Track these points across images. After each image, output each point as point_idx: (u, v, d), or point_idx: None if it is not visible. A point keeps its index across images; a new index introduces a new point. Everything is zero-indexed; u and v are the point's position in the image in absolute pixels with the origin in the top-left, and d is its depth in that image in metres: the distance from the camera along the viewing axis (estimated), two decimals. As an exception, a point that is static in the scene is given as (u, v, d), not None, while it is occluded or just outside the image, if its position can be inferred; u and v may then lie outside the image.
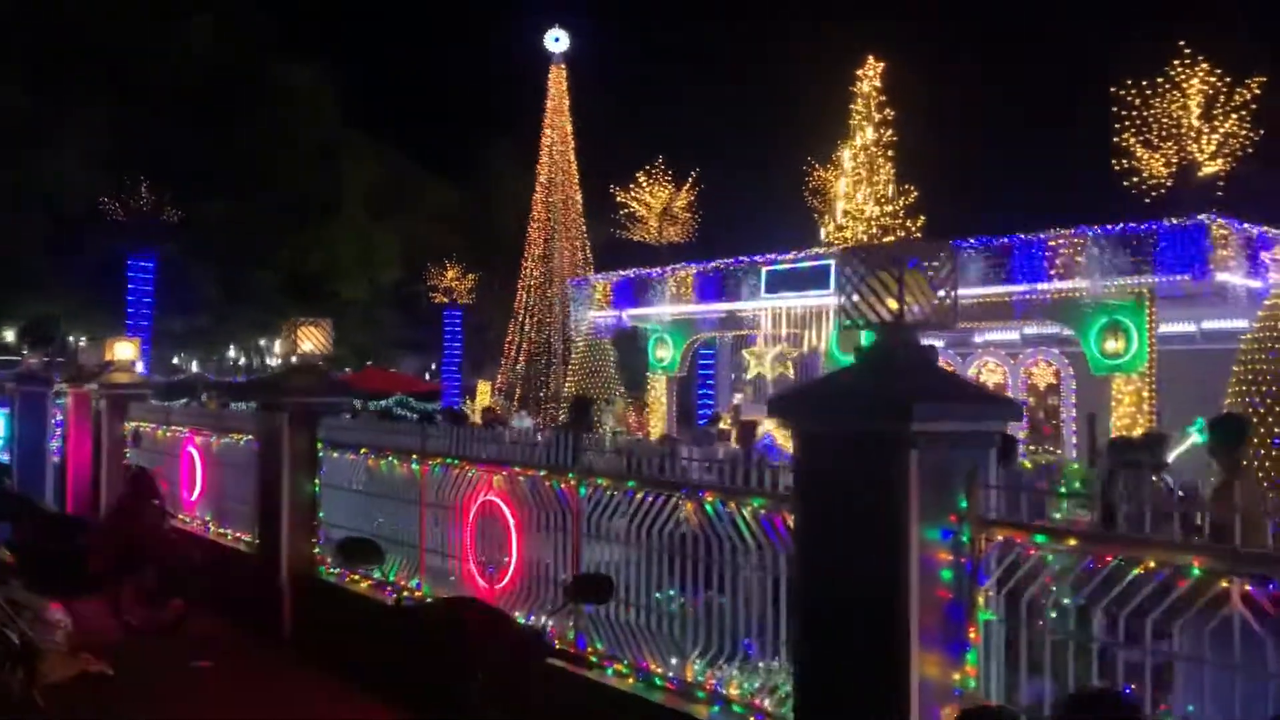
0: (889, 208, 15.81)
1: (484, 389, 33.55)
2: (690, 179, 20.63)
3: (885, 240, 16.04)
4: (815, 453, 3.94)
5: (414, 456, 7.29)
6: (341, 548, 4.94)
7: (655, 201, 19.90)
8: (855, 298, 3.97)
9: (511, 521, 6.26)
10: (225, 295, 28.20)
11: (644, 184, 20.23)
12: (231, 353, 37.40)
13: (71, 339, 22.26)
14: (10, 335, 26.36)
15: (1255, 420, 9.66)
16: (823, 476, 3.91)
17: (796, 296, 15.43)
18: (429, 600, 6.43)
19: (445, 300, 35.49)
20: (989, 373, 19.83)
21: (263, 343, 36.18)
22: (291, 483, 8.58)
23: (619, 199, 20.62)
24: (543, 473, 5.99)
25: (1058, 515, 3.85)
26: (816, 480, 3.94)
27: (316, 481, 8.59)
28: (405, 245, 35.84)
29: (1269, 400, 10.34)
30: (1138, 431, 12.27)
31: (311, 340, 8.75)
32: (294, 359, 8.76)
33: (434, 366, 42.80)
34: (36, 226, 24.47)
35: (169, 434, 11.89)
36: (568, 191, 34.02)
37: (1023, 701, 3.64)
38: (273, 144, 28.77)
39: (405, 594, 7.05)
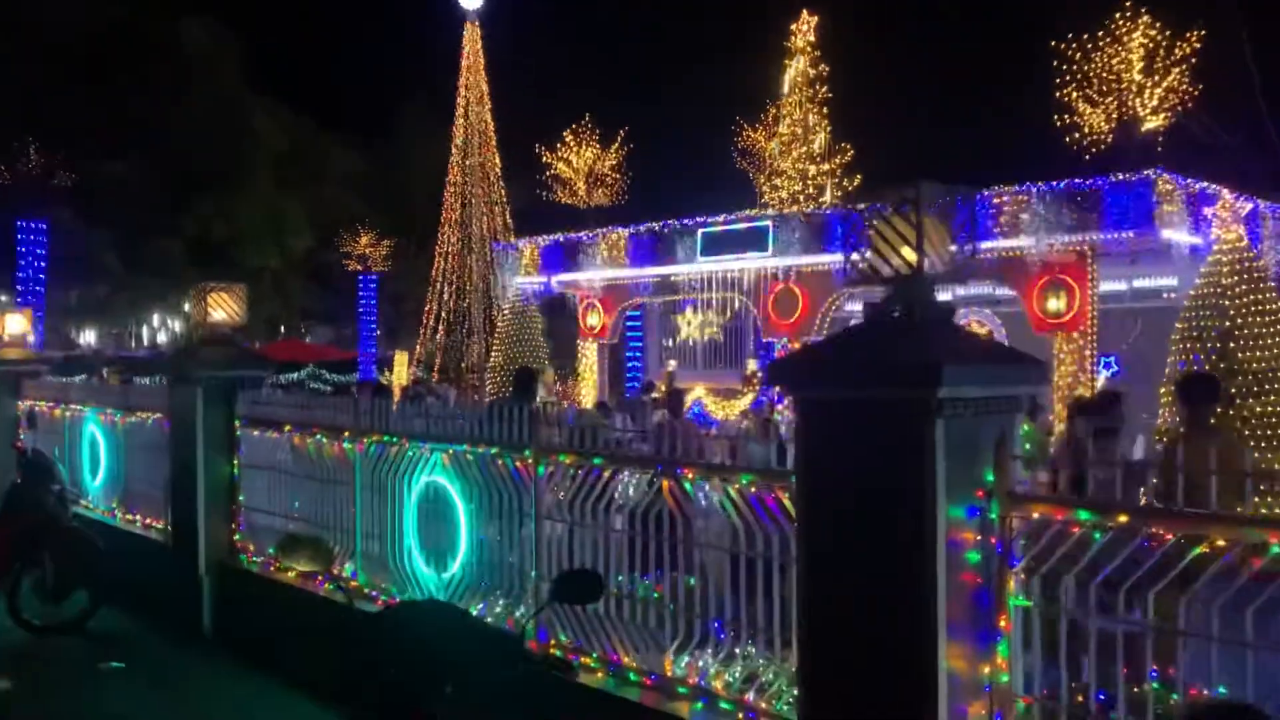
0: (825, 166, 15.51)
1: (401, 359, 32.67)
2: (618, 139, 20.02)
3: (821, 200, 15.77)
4: (822, 423, 3.51)
5: (346, 434, 6.70)
6: (284, 546, 4.35)
7: (581, 162, 19.27)
8: (865, 250, 3.53)
9: (459, 505, 5.74)
10: (125, 264, 26.61)
11: (570, 144, 19.56)
12: (134, 327, 35.61)
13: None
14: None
15: (1199, 376, 9.62)
16: (831, 450, 3.49)
17: (734, 258, 15.06)
18: (387, 603, 5.86)
19: (359, 268, 34.38)
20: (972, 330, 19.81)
21: (165, 317, 34.54)
22: (207, 464, 7.91)
23: (544, 159, 19.93)
24: (494, 450, 5.48)
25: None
26: (823, 454, 3.52)
27: (235, 462, 7.93)
28: (315, 212, 34.50)
29: (1213, 357, 10.33)
30: (1080, 391, 12.23)
31: (224, 308, 8.05)
32: (204, 329, 8.05)
33: (348, 337, 41.59)
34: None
35: (68, 413, 11.02)
36: (485, 154, 33.14)
37: (1062, 697, 3.30)
38: (170, 105, 27.11)
39: (341, 583, 6.48)
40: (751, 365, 18.86)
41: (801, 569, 3.66)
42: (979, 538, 3.35)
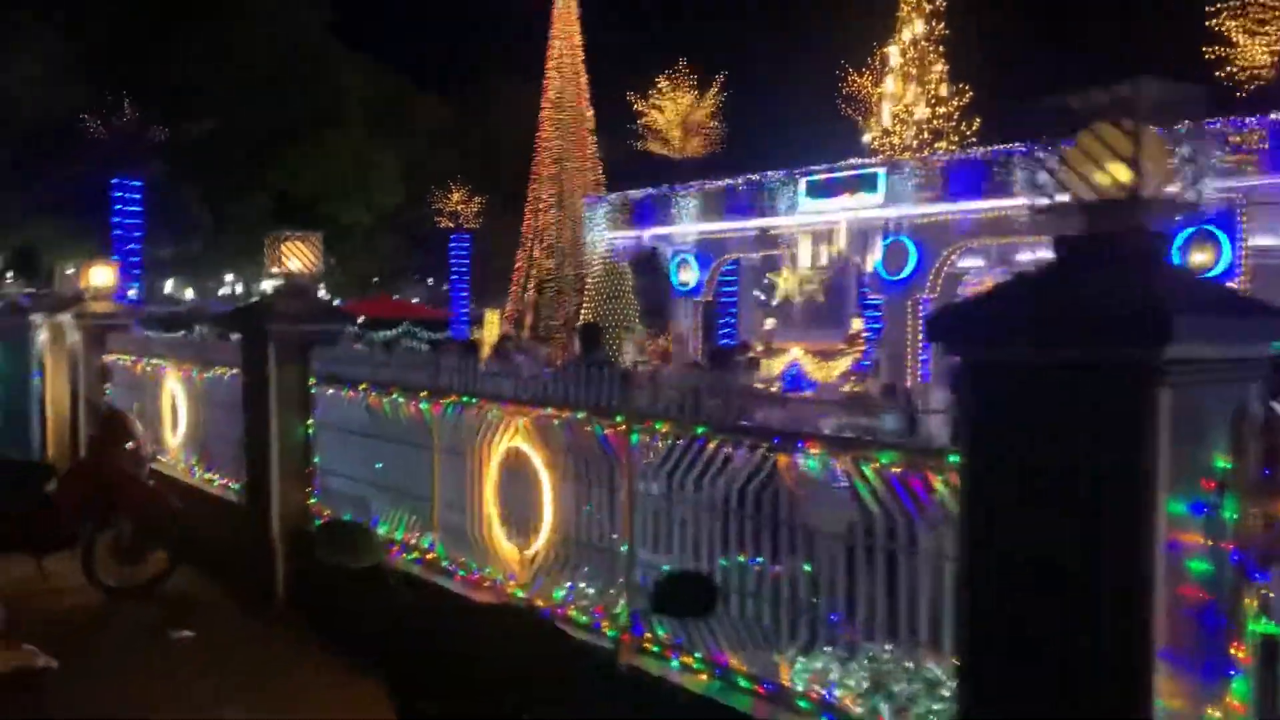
0: (942, 109, 14.41)
1: (492, 318, 32.45)
2: (714, 85, 19.13)
3: (937, 145, 14.71)
4: (1000, 391, 2.77)
5: (423, 394, 6.16)
6: (322, 539, 3.73)
7: (676, 111, 18.46)
8: (1057, 168, 2.75)
9: (544, 475, 5.15)
10: (216, 220, 26.74)
11: (664, 91, 18.75)
12: (229, 281, 36.09)
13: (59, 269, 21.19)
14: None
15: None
16: (1011, 425, 2.75)
17: (840, 209, 14.16)
18: (477, 604, 5.32)
19: (451, 225, 34.16)
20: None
21: (256, 272, 34.90)
22: (281, 424, 7.49)
23: (637, 109, 19.17)
24: (581, 415, 4.86)
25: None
26: (1000, 430, 2.79)
27: (310, 422, 7.50)
28: (405, 167, 34.28)
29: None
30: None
31: (299, 258, 7.59)
32: (279, 280, 7.61)
33: (440, 294, 41.60)
34: (4, 149, 22.99)
35: (149, 368, 10.80)
36: (578, 107, 32.43)
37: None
38: (257, 54, 26.98)
39: (405, 568, 5.96)
40: (856, 324, 17.97)
41: (963, 571, 2.95)
42: (1208, 541, 2.58)
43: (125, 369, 11.49)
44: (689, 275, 18.03)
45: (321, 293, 7.77)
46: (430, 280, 40.04)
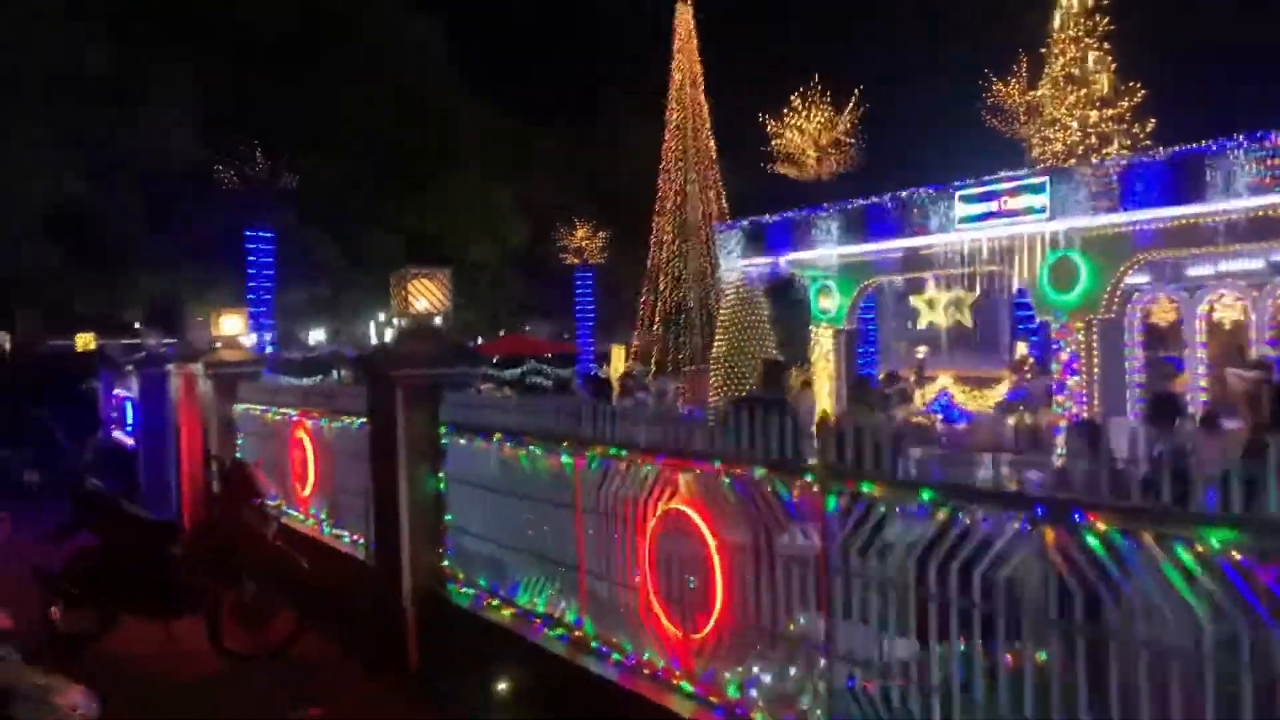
0: (1110, 111, 13.13)
1: (618, 353, 32.02)
2: (851, 100, 18.19)
3: (1105, 151, 13.40)
4: None
5: (563, 444, 5.43)
6: None
7: (812, 129, 17.60)
8: None
9: (712, 543, 4.33)
10: (347, 263, 27.04)
11: (798, 110, 17.90)
12: (360, 326, 36.65)
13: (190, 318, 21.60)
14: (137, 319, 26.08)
15: None
16: None
17: (1003, 224, 12.97)
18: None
19: (576, 260, 34.00)
20: (1224, 309, 16.94)
21: (381, 316, 35.31)
22: (410, 477, 6.89)
23: (769, 129, 18.37)
24: (760, 473, 4.02)
25: None
26: None
27: (441, 475, 6.87)
28: (527, 204, 34.28)
29: None
30: None
31: (426, 296, 7.01)
32: (405, 321, 7.04)
33: (564, 331, 41.44)
34: (144, 200, 23.73)
35: (279, 417, 10.47)
36: (700, 137, 31.92)
37: None
38: (382, 97, 27.29)
39: (549, 645, 5.21)
40: (1021, 349, 16.62)
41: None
42: None
43: (255, 418, 11.23)
44: (830, 302, 17.01)
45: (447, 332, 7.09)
46: (554, 317, 39.91)
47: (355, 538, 8.42)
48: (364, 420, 8.05)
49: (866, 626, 3.66)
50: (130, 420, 17.01)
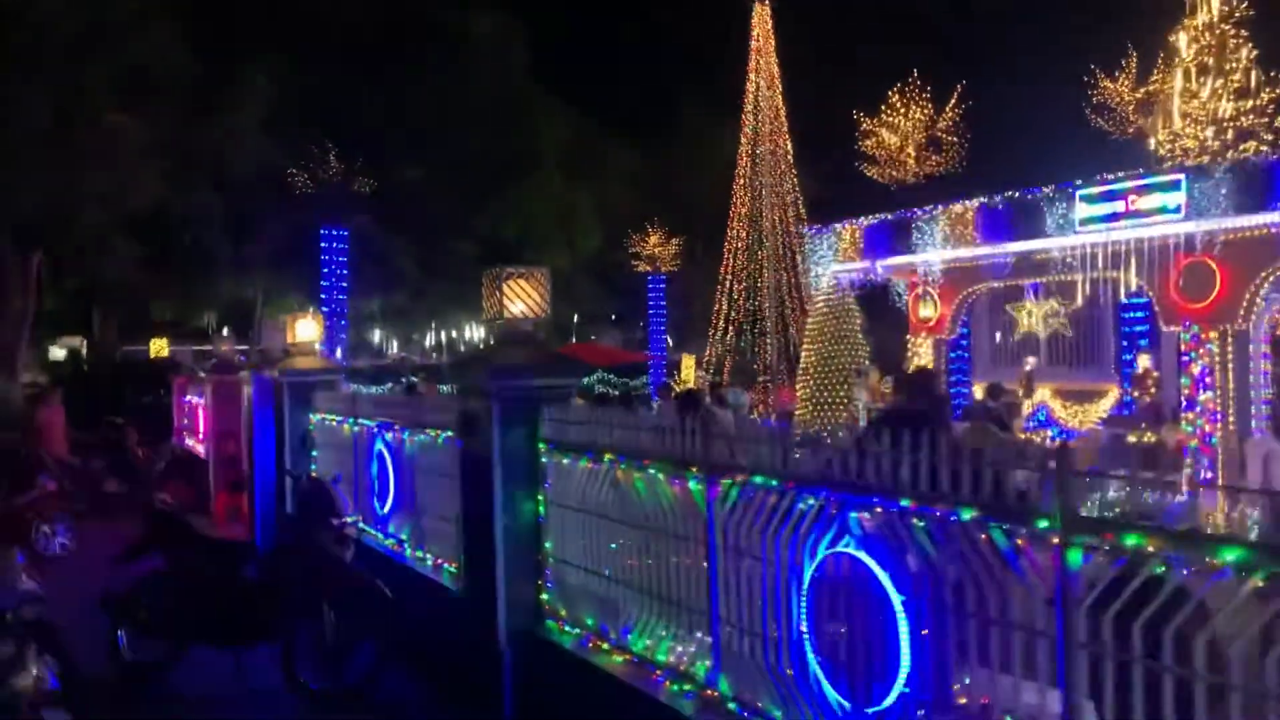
0: (1250, 103, 12.03)
1: (689, 363, 31.30)
2: (953, 96, 17.20)
3: (1244, 148, 12.28)
4: None
5: (692, 470, 4.68)
6: None
7: (911, 125, 16.68)
8: None
9: (896, 599, 3.53)
10: (421, 269, 26.62)
11: (896, 107, 16.98)
12: (435, 334, 36.25)
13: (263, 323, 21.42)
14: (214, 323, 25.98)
15: None
16: None
17: (1130, 225, 11.93)
18: None
19: (647, 268, 33.33)
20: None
21: (465, 322, 34.90)
22: (506, 500, 6.20)
23: (862, 126, 17.45)
24: (968, 514, 3.22)
25: None
26: None
27: (541, 499, 6.17)
28: (601, 210, 33.69)
29: None
30: None
31: (522, 299, 6.33)
32: (500, 326, 6.36)
33: (635, 340, 40.76)
34: (221, 204, 23.56)
35: (357, 428, 9.89)
36: (776, 141, 31.10)
37: None
38: (459, 100, 26.86)
39: (672, 703, 4.46)
40: (1144, 361, 15.48)
41: None
42: None
43: (331, 429, 10.69)
44: (929, 310, 16.05)
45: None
46: (623, 325, 39.26)
47: (440, 562, 7.77)
48: (450, 434, 7.42)
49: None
50: (202, 428, 16.68)
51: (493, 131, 27.61)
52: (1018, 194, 13.28)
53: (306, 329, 11.95)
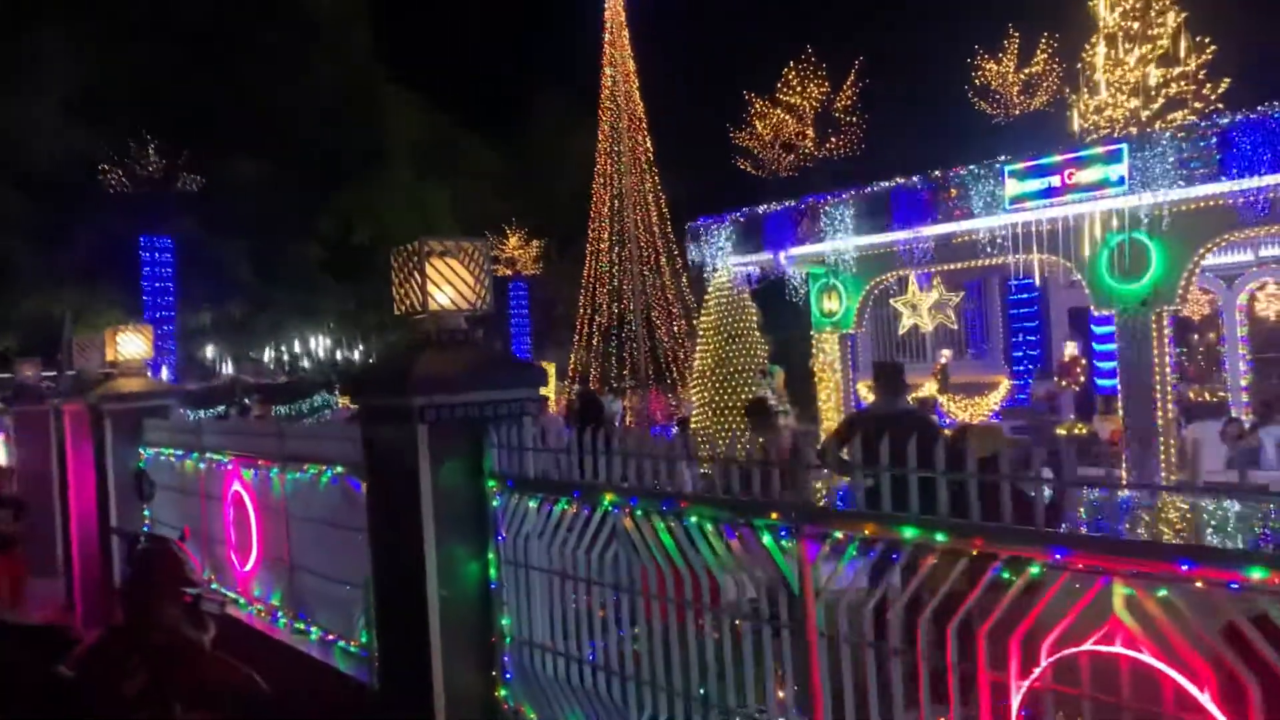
0: (1177, 70, 11.40)
1: (549, 371, 29.78)
2: (854, 68, 16.24)
3: (1171, 118, 11.65)
4: None
5: (768, 518, 3.14)
6: None
7: (808, 105, 15.63)
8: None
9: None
10: (259, 276, 23.92)
11: (792, 86, 15.88)
12: (276, 350, 33.09)
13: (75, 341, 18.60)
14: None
15: None
16: None
17: (1070, 201, 11.07)
18: None
19: (508, 272, 31.63)
20: (1269, 299, 15.45)
21: (310, 336, 32.08)
22: (443, 560, 4.49)
23: (755, 110, 16.29)
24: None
25: None
26: None
27: (491, 557, 4.49)
28: (456, 211, 31.72)
29: None
30: None
31: (454, 284, 4.66)
32: (423, 321, 4.67)
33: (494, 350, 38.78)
34: (18, 205, 20.34)
35: (204, 465, 7.90)
36: (636, 138, 29.92)
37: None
38: (299, 86, 24.30)
39: None
40: (1071, 349, 14.82)
41: None
42: None
43: (170, 468, 8.62)
44: (835, 303, 14.98)
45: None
46: (486, 332, 37.31)
47: (332, 638, 5.96)
48: (341, 471, 5.65)
49: None
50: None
51: (337, 121, 25.17)
52: (938, 173, 12.33)
53: (132, 345, 9.75)
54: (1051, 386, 18.88)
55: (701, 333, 16.83)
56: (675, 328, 29.87)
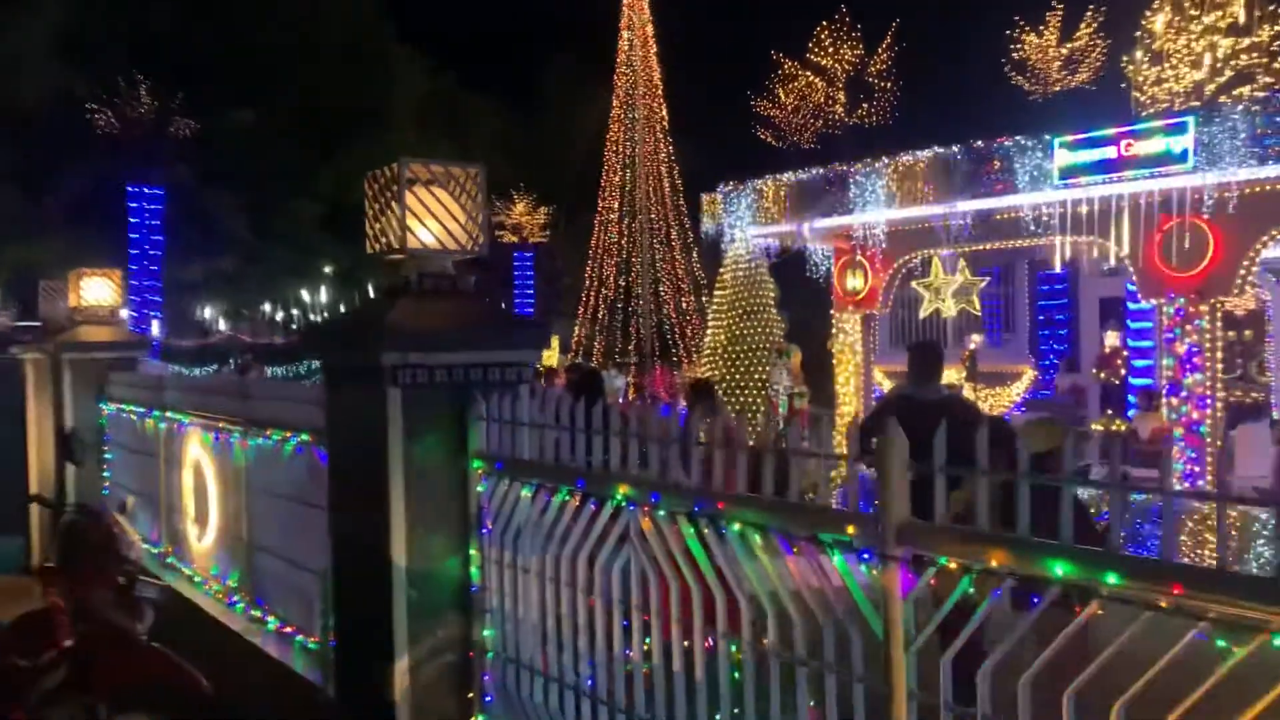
0: (1246, 41, 10.52)
1: (551, 343, 29.07)
2: (890, 34, 15.31)
3: (1238, 92, 10.76)
4: None
5: (845, 532, 2.32)
6: None
7: (841, 68, 14.72)
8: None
9: None
10: (254, 231, 22.99)
11: (825, 46, 14.95)
12: (270, 309, 32.27)
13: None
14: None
15: None
16: None
17: (1128, 178, 10.19)
18: None
19: (514, 239, 30.78)
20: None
21: (303, 293, 31.22)
22: (414, 553, 3.68)
23: (785, 69, 15.36)
24: None
25: None
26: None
27: (473, 552, 3.69)
28: (460, 174, 30.70)
29: None
30: None
31: (441, 219, 3.86)
32: (401, 263, 3.85)
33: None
34: (4, 146, 19.38)
35: (164, 425, 7.12)
36: (651, 105, 28.99)
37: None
38: (302, 36, 23.30)
39: None
40: (1112, 339, 13.97)
41: None
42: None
43: (130, 426, 7.84)
44: (859, 280, 14.12)
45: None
46: (487, 301, 36.51)
47: (289, 631, 5.19)
48: (307, 438, 4.85)
49: None
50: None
51: (341, 75, 24.17)
52: (980, 143, 11.46)
53: (97, 289, 8.96)
54: (1078, 379, 18.04)
55: (715, 307, 16.01)
56: (684, 303, 29.12)
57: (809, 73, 14.68)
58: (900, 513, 2.20)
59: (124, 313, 9.78)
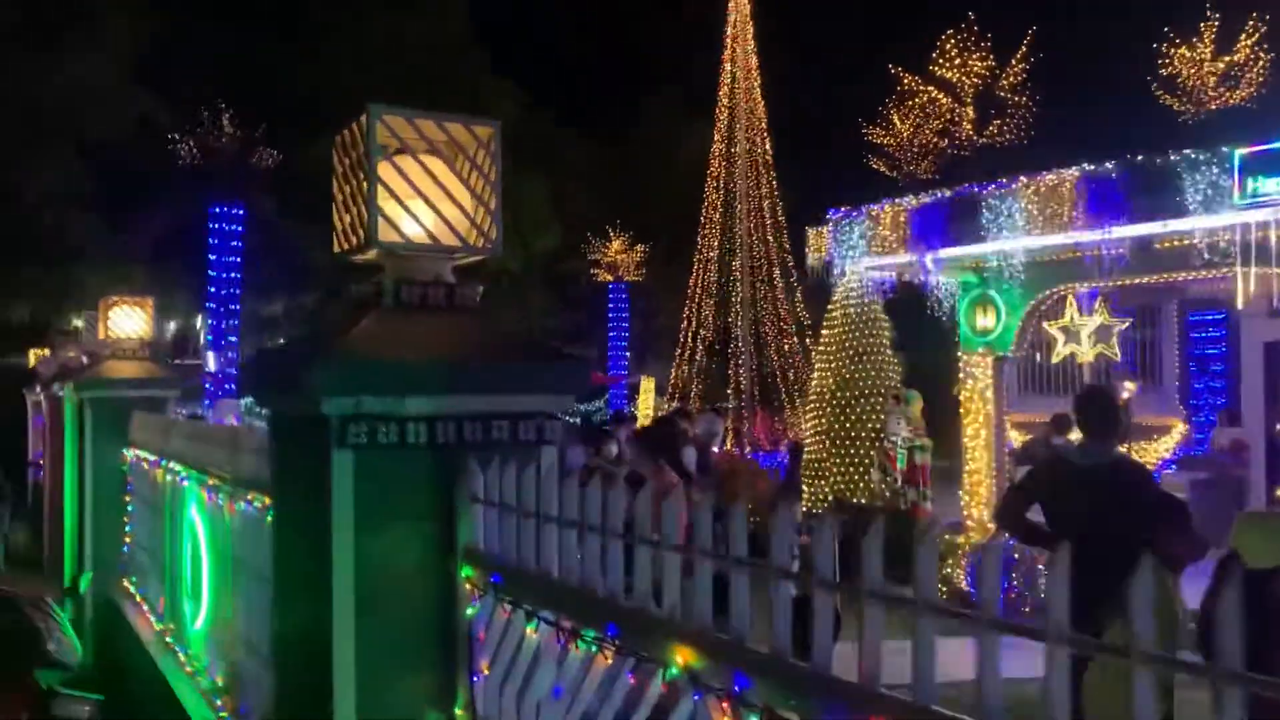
0: None
1: (647, 386, 27.90)
2: (1025, 41, 13.74)
3: None
4: None
5: None
6: None
7: (969, 82, 13.25)
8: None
9: None
10: (337, 265, 22.34)
11: (950, 57, 13.51)
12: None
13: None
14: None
15: None
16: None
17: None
18: None
19: (609, 277, 29.78)
20: None
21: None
22: (364, 699, 2.38)
23: (905, 84, 13.96)
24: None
25: None
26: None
27: (459, 708, 2.37)
28: (555, 207, 29.97)
29: None
30: None
31: (437, 200, 2.60)
32: (375, 264, 2.61)
33: (591, 359, 37.02)
34: (84, 176, 19.14)
35: (170, 479, 6.06)
36: (754, 140, 27.91)
37: None
38: (389, 63, 22.76)
39: None
40: None
41: None
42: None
43: (146, 476, 6.84)
44: (990, 319, 12.47)
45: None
46: (582, 340, 35.57)
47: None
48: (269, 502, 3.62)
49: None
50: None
51: (428, 106, 23.64)
52: (1139, 158, 9.83)
53: (127, 321, 8.07)
54: (1239, 434, 16.01)
55: (821, 348, 14.51)
56: (786, 345, 27.75)
57: (932, 87, 13.29)
58: None
59: (209, 355, 8.94)
